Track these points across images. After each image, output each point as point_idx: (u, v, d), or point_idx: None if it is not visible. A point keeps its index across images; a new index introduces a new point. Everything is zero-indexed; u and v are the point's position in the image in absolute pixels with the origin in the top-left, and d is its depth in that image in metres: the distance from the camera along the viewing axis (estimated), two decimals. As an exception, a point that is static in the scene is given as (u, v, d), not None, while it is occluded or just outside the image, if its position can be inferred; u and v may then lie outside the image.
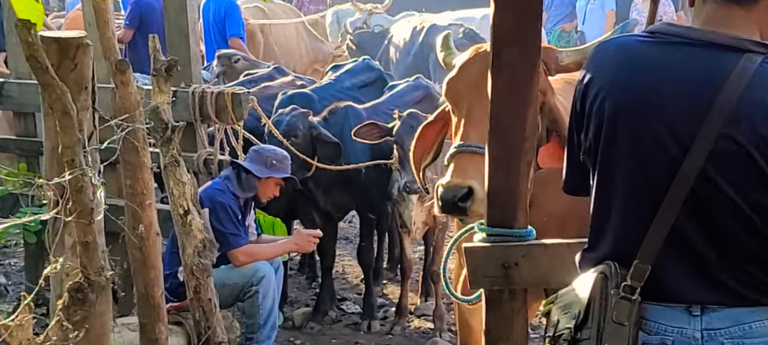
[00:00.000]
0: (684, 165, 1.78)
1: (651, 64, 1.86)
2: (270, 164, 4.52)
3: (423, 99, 5.71)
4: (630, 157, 1.86)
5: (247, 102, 4.71)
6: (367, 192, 5.22)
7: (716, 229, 1.81)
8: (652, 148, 1.83)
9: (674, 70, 1.83)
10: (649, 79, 1.84)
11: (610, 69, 1.91)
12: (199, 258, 3.59)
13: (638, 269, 1.82)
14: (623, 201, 1.88)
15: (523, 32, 2.07)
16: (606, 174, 1.91)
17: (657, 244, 1.81)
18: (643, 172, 1.84)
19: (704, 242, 1.81)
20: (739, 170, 1.77)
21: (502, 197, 2.17)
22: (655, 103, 1.82)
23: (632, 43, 1.94)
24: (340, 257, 6.16)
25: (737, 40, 1.82)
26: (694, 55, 1.83)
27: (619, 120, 1.86)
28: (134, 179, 3.23)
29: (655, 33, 1.91)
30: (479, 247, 2.21)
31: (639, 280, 1.82)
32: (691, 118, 1.79)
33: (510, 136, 2.13)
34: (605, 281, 1.85)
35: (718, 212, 1.80)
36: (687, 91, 1.80)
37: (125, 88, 3.13)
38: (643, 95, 1.84)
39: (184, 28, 4.63)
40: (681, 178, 1.78)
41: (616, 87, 1.87)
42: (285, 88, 5.93)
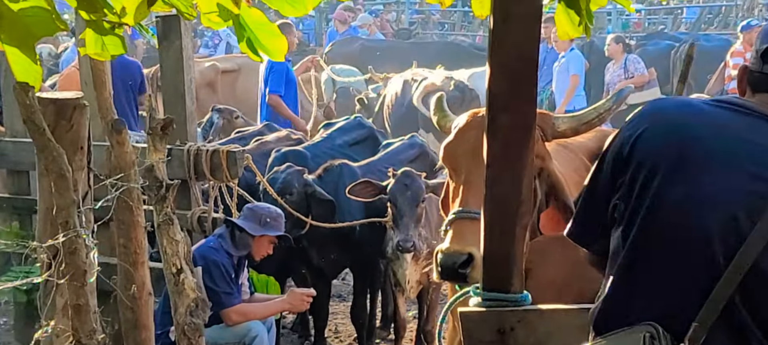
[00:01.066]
0: (748, 239, 1.71)
1: (714, 122, 1.81)
2: (264, 222, 4.50)
3: (417, 157, 5.73)
4: (679, 221, 1.77)
5: (241, 160, 4.71)
6: (361, 250, 5.20)
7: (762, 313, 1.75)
8: (715, 211, 1.75)
9: (742, 138, 1.78)
10: (711, 135, 1.79)
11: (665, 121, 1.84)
12: (191, 317, 3.55)
13: (697, 332, 1.74)
14: (665, 263, 1.79)
15: (517, 98, 2.09)
16: (649, 229, 1.80)
17: (712, 317, 1.73)
18: (698, 237, 1.76)
19: (756, 326, 1.75)
20: None
21: (497, 262, 2.17)
22: (715, 162, 1.77)
23: (697, 103, 1.91)
24: (333, 315, 6.10)
25: None
26: (760, 128, 1.80)
27: (669, 172, 1.78)
28: (128, 238, 3.21)
29: (720, 101, 1.89)
30: (474, 312, 2.19)
31: (697, 342, 1.74)
32: (755, 192, 1.74)
33: (506, 201, 2.14)
34: (653, 341, 1.76)
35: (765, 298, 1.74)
36: (753, 155, 1.76)
37: (121, 147, 3.14)
38: (701, 151, 1.78)
39: (181, 87, 4.66)
40: (743, 253, 1.71)
41: (670, 136, 1.81)
42: (281, 143, 5.95)
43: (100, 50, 2.40)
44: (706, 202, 1.75)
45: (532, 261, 2.49)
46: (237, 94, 8.97)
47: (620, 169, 1.87)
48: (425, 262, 4.93)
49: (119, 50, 2.44)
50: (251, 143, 6.10)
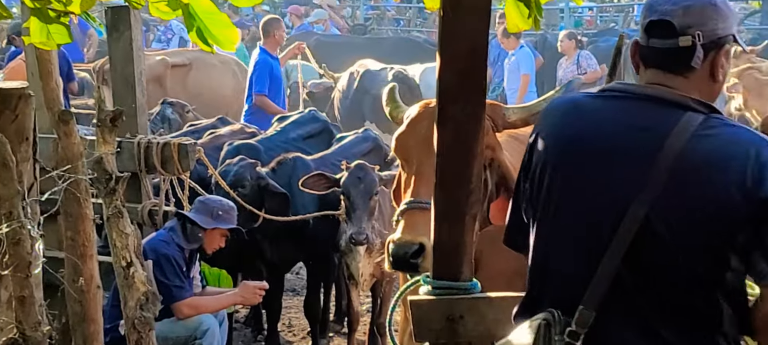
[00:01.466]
0: (628, 213, 1.80)
1: (598, 115, 1.92)
2: (216, 215, 4.47)
3: (371, 151, 5.74)
4: (574, 206, 1.89)
5: (193, 152, 4.67)
6: (314, 243, 5.20)
7: (655, 280, 1.83)
8: (598, 196, 1.86)
9: (618, 123, 1.88)
10: (595, 129, 1.90)
11: (559, 122, 1.97)
12: (141, 311, 3.51)
13: (583, 315, 1.83)
14: (566, 249, 1.91)
15: (467, 88, 2.10)
16: (548, 222, 1.94)
17: (601, 291, 1.82)
18: (587, 220, 1.87)
19: (645, 294, 1.84)
20: (678, 223, 1.80)
21: (447, 250, 2.18)
22: (600, 154, 1.87)
23: (582, 98, 2.03)
24: (286, 309, 6.08)
25: (681, 97, 1.87)
26: (638, 108, 1.88)
27: (564, 168, 1.91)
28: (75, 231, 3.16)
29: (605, 90, 1.98)
30: (424, 300, 2.21)
31: (583, 327, 1.83)
32: (634, 168, 1.82)
33: (456, 190, 2.15)
34: (548, 328, 1.86)
35: (658, 263, 1.82)
36: (631, 143, 1.85)
37: (68, 138, 3.09)
38: (589, 144, 1.89)
39: (131, 79, 4.60)
40: (625, 227, 1.81)
41: (562, 138, 1.93)
42: (235, 136, 5.91)
43: (45, 39, 2.37)
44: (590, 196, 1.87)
45: (482, 251, 2.51)
46: (188, 89, 8.86)
47: (525, 175, 2.03)
48: (378, 254, 4.95)
49: (65, 39, 2.41)
50: (204, 136, 6.05)
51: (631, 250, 1.81)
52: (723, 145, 1.81)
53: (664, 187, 1.79)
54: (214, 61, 9.22)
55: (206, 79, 9.07)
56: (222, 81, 9.25)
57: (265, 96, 8.04)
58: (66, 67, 7.55)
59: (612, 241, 1.82)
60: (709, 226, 1.79)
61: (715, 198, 1.78)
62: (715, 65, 1.90)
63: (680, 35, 1.86)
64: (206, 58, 9.19)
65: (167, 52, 9.66)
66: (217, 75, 9.25)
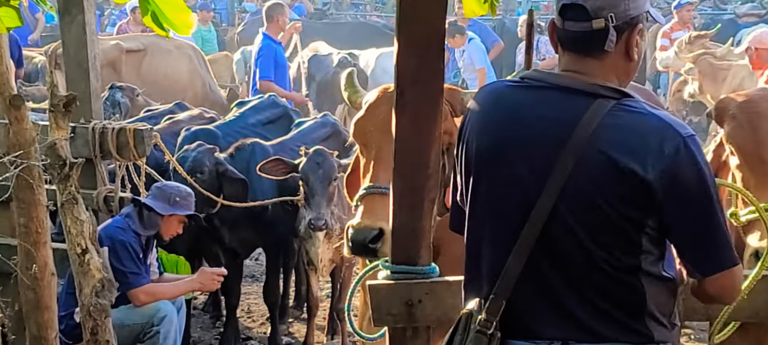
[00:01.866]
0: (538, 203, 1.84)
1: (513, 106, 1.94)
2: (173, 201, 4.43)
3: (330, 136, 5.72)
4: (492, 196, 1.93)
5: (149, 138, 4.61)
6: (273, 229, 5.17)
7: (569, 266, 1.87)
8: (510, 187, 1.90)
9: (532, 113, 1.91)
10: (509, 121, 1.93)
11: (480, 113, 2.00)
12: (97, 298, 3.46)
13: (493, 303, 1.88)
14: (488, 239, 1.94)
15: (425, 71, 2.11)
16: (474, 213, 1.98)
17: (512, 279, 1.87)
18: (502, 210, 1.91)
19: (559, 278, 1.88)
20: (587, 209, 1.84)
21: (405, 235, 2.20)
22: (514, 144, 1.91)
23: (502, 88, 2.05)
24: (245, 295, 6.05)
25: (591, 86, 1.89)
26: (551, 98, 1.91)
27: (483, 160, 1.95)
28: (28, 218, 3.11)
29: (524, 78, 2.00)
30: (383, 285, 2.22)
31: (494, 314, 1.87)
32: (544, 158, 1.86)
33: (414, 174, 2.16)
34: (470, 317, 1.90)
35: (570, 249, 1.86)
36: (542, 133, 1.88)
37: (20, 124, 3.03)
38: (503, 136, 1.92)
39: (84, 63, 4.52)
40: (535, 215, 1.85)
41: (482, 129, 1.96)
42: (194, 122, 5.85)
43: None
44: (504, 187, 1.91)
45: (442, 237, 2.53)
46: (142, 75, 8.72)
47: (458, 165, 2.05)
48: (338, 240, 4.95)
49: (15, 23, 2.36)
50: (163, 122, 5.98)
51: (541, 238, 1.85)
52: (628, 133, 1.84)
53: (570, 176, 1.83)
54: (170, 46, 9.07)
55: (162, 64, 8.92)
56: (177, 66, 9.11)
57: (271, 81, 7.97)
58: (17, 52, 7.39)
59: (522, 230, 1.86)
60: (616, 213, 1.83)
61: (621, 186, 1.82)
62: (629, 45, 1.93)
63: (593, 18, 1.88)
64: (161, 43, 9.04)
65: (121, 37, 9.47)
66: (173, 60, 9.11)
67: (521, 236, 1.86)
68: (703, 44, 8.96)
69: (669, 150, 1.81)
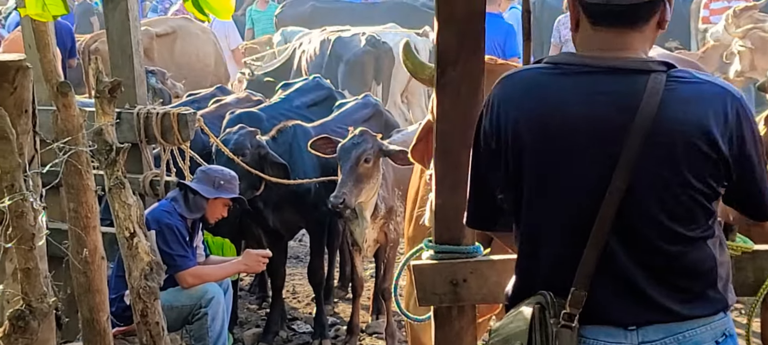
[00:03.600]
0: (610, 188, 1.81)
1: (564, 97, 1.87)
2: (218, 185, 4.48)
3: (371, 117, 5.73)
4: (556, 189, 1.88)
5: (193, 122, 4.67)
6: (316, 210, 5.20)
7: (643, 247, 1.85)
8: (575, 176, 1.86)
9: (589, 104, 1.85)
10: (565, 108, 1.86)
11: (521, 106, 1.90)
12: (145, 281, 3.53)
13: (576, 296, 1.84)
14: (552, 230, 1.90)
15: (465, 51, 2.10)
16: (532, 208, 1.91)
17: (590, 269, 1.84)
18: (570, 200, 1.87)
19: (633, 262, 1.85)
20: (661, 188, 1.82)
21: (449, 214, 2.19)
22: (575, 130, 1.85)
23: (538, 76, 1.93)
24: (290, 277, 6.12)
25: (642, 62, 1.86)
26: (603, 83, 1.86)
27: (541, 155, 1.88)
28: (78, 203, 3.17)
29: (559, 64, 1.92)
30: (427, 265, 2.22)
31: (577, 307, 1.84)
32: (611, 140, 1.82)
33: (456, 154, 2.16)
34: (543, 311, 1.86)
35: (644, 231, 1.84)
36: (605, 123, 1.84)
37: (67, 110, 3.08)
38: (562, 136, 1.86)
39: (128, 49, 4.58)
40: (608, 201, 1.82)
41: (531, 124, 1.88)
42: (241, 105, 5.90)
43: (40, 11, 2.35)
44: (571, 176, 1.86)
45: None
46: (175, 58, 8.76)
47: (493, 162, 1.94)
48: (383, 221, 4.96)
49: (61, 10, 2.39)
50: (210, 105, 6.04)
51: (616, 222, 1.82)
52: (690, 105, 1.82)
53: (640, 157, 1.80)
54: (196, 30, 9.14)
55: (192, 47, 8.97)
56: (206, 49, 9.15)
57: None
58: (70, 42, 7.47)
59: (597, 216, 1.82)
60: (690, 186, 1.81)
61: (693, 158, 1.81)
62: (664, 14, 1.90)
63: None
64: (188, 26, 9.09)
65: (148, 22, 9.48)
66: (201, 44, 9.16)
67: (596, 224, 1.82)
68: (751, 16, 8.75)
69: (731, 115, 1.82)
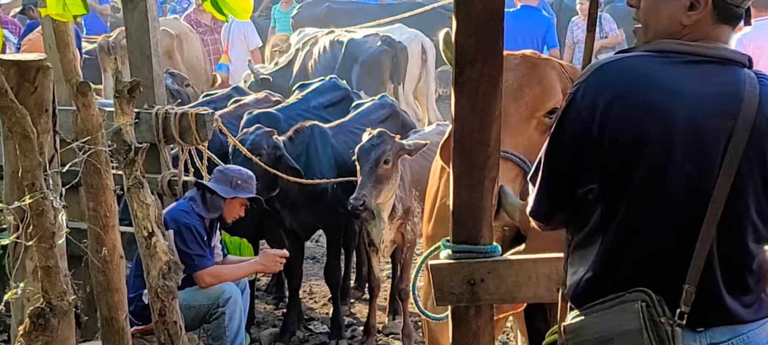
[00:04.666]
0: (719, 181, 1.78)
1: (670, 84, 1.83)
2: (235, 184, 4.49)
3: (388, 117, 5.73)
4: (658, 182, 1.82)
5: (211, 122, 4.69)
6: (333, 210, 5.21)
7: (725, 245, 1.83)
8: (682, 171, 1.81)
9: (699, 94, 1.82)
10: (671, 101, 1.81)
11: (622, 92, 1.83)
12: (164, 280, 3.55)
13: (688, 293, 1.80)
14: (655, 226, 1.84)
15: (484, 50, 2.09)
16: (626, 199, 1.84)
17: (701, 264, 1.80)
18: (676, 195, 1.82)
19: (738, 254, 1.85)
20: (755, 183, 1.82)
21: (466, 214, 2.18)
22: (680, 123, 1.80)
23: (643, 62, 1.87)
24: (307, 277, 6.12)
25: (736, 54, 1.88)
26: (707, 72, 1.85)
27: (643, 145, 1.81)
28: (97, 202, 3.19)
29: (664, 52, 1.87)
30: (445, 264, 2.21)
31: (689, 305, 1.80)
32: (718, 136, 1.80)
33: (474, 153, 2.15)
34: (648, 309, 1.79)
35: (744, 227, 1.83)
36: (711, 109, 1.81)
37: (87, 110, 3.10)
38: (667, 118, 1.80)
39: (147, 49, 4.61)
40: (718, 194, 1.78)
41: (635, 109, 1.81)
42: (259, 105, 5.92)
43: (61, 10, 2.37)
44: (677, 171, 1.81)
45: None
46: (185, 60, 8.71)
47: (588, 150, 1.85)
48: (399, 221, 4.96)
49: (80, 10, 2.41)
50: (229, 105, 6.06)
51: (723, 216, 1.79)
52: None
53: (747, 147, 1.79)
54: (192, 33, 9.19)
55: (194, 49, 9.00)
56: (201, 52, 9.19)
57: None
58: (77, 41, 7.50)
59: (706, 211, 1.79)
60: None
61: None
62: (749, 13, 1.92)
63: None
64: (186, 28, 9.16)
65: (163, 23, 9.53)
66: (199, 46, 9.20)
67: (706, 219, 1.79)
68: None
69: None
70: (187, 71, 7.99)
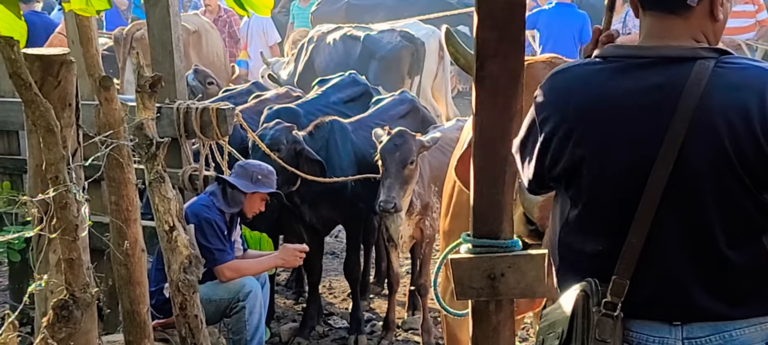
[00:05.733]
0: (651, 177, 1.79)
1: (610, 92, 1.87)
2: (255, 179, 4.51)
3: (408, 113, 5.73)
4: (601, 183, 1.87)
5: (231, 117, 4.71)
6: (353, 206, 5.22)
7: (688, 239, 1.82)
8: (621, 171, 1.85)
9: (633, 94, 1.84)
10: (610, 109, 1.85)
11: (569, 101, 1.92)
12: (184, 274, 3.57)
13: (617, 285, 1.83)
14: (599, 222, 1.90)
15: (505, 44, 2.08)
16: (578, 199, 1.92)
17: (634, 258, 1.82)
18: (614, 194, 1.86)
19: (681, 254, 1.83)
20: (706, 175, 1.79)
21: (486, 208, 2.18)
22: (620, 131, 1.84)
23: (587, 72, 1.96)
24: (326, 272, 6.14)
25: (689, 50, 1.84)
26: (649, 74, 1.84)
27: (587, 151, 1.88)
28: (119, 196, 3.21)
29: (607, 58, 1.92)
30: (465, 259, 2.21)
31: (619, 296, 1.83)
32: (655, 133, 1.80)
33: (495, 148, 2.14)
34: (586, 299, 1.86)
35: (689, 221, 1.82)
36: (648, 111, 1.82)
37: (109, 104, 3.12)
38: (607, 126, 1.85)
39: (168, 45, 4.63)
40: (649, 191, 1.80)
41: (578, 120, 1.89)
42: (280, 100, 5.94)
43: (85, 6, 2.38)
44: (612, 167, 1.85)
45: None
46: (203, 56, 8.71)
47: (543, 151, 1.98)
48: (418, 216, 4.96)
49: (104, 5, 2.42)
50: (250, 100, 6.09)
51: (664, 210, 1.80)
52: (735, 91, 1.78)
53: (683, 144, 1.78)
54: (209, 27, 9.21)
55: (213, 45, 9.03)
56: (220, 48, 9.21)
57: None
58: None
59: (639, 204, 1.81)
60: (735, 176, 1.78)
61: (738, 146, 1.77)
62: (714, 3, 1.87)
63: None
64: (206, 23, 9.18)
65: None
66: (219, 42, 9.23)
67: (637, 214, 1.81)
68: None
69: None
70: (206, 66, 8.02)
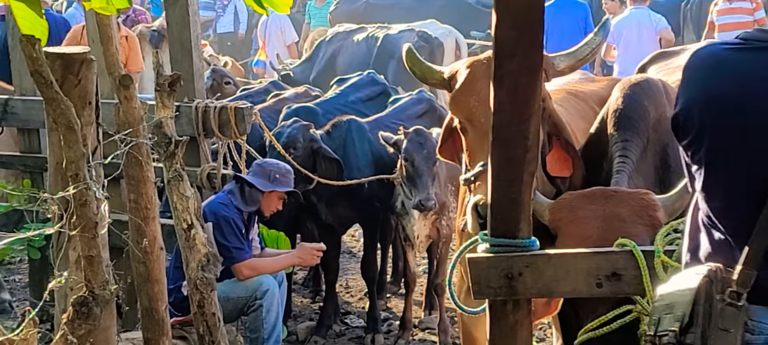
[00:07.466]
0: None
1: (740, 73, 1.87)
2: (273, 178, 4.52)
3: (426, 112, 5.73)
4: (728, 168, 1.87)
5: (249, 116, 4.72)
6: (370, 205, 5.22)
7: None
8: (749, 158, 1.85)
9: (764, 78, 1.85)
10: (737, 91, 1.86)
11: (699, 80, 1.94)
12: (202, 272, 3.59)
13: (744, 275, 1.82)
14: (726, 209, 1.89)
15: (524, 43, 2.08)
16: (705, 184, 1.92)
17: (762, 248, 1.82)
18: (740, 183, 1.86)
19: None
20: None
21: (505, 208, 2.18)
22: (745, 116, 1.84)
23: (720, 51, 1.97)
24: (343, 271, 6.15)
25: None
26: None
27: (713, 134, 1.88)
28: (138, 194, 3.23)
29: (747, 39, 1.93)
30: (483, 258, 2.21)
31: (745, 286, 1.82)
32: None
33: (512, 147, 2.14)
34: (710, 285, 1.84)
35: None
36: None
37: (129, 103, 3.14)
38: (732, 109, 1.85)
39: (187, 43, 4.65)
40: None
41: (705, 101, 1.90)
42: (299, 99, 5.96)
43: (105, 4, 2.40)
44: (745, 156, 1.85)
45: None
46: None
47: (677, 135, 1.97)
48: (434, 216, 4.95)
49: (124, 3, 2.44)
50: (269, 99, 6.10)
51: None
52: None
53: None
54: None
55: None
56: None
57: None
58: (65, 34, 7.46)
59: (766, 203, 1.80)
60: None
61: None
62: None
63: None
64: None
65: None
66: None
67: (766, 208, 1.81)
68: None
69: None
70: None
